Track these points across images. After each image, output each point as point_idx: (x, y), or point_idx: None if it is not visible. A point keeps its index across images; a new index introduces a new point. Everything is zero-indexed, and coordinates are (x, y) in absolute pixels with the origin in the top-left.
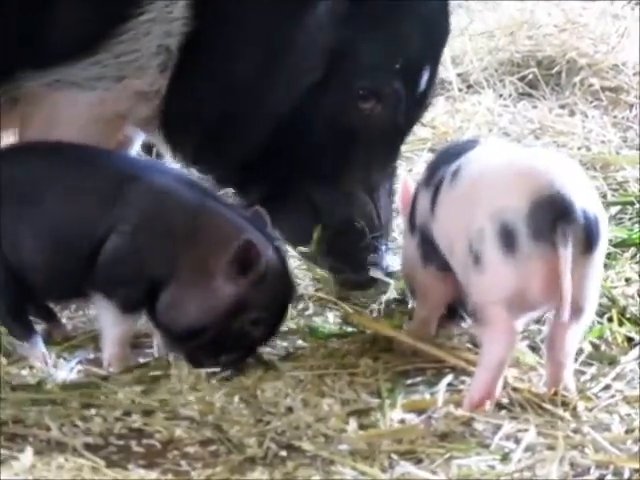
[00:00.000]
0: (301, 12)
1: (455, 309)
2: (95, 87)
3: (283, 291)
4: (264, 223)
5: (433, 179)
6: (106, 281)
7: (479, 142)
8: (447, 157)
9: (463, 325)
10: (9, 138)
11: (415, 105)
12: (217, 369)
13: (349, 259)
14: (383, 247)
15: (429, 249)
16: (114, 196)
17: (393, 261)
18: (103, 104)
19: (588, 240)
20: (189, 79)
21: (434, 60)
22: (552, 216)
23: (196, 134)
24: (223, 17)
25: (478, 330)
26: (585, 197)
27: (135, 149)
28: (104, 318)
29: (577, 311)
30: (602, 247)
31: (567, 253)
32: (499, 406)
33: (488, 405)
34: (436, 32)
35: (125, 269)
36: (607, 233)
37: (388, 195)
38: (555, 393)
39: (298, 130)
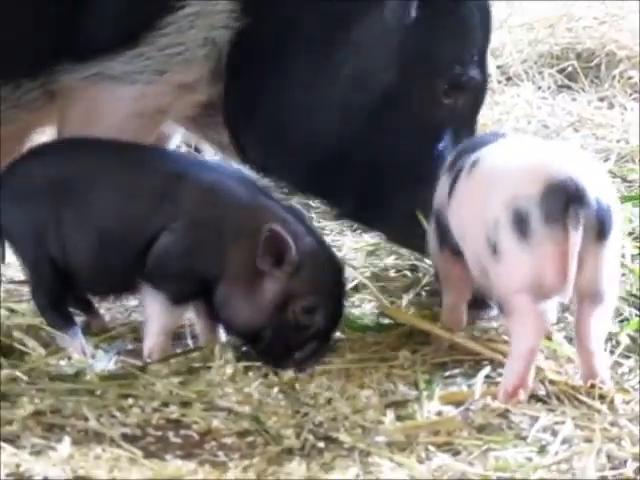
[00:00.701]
0: (365, 13)
1: (482, 298)
2: (136, 81)
3: (329, 274)
4: (303, 214)
5: (454, 167)
6: (157, 275)
7: (504, 135)
8: (470, 147)
9: (493, 314)
10: (45, 134)
11: (483, 89)
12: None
13: None
14: None
15: (444, 234)
16: (165, 194)
17: None
18: (144, 98)
19: (601, 226)
20: (247, 77)
21: (488, 46)
22: (564, 199)
23: (258, 136)
24: (278, 15)
25: (505, 321)
26: (598, 186)
27: (173, 146)
28: (150, 308)
29: (596, 296)
30: (615, 235)
31: (577, 236)
32: (536, 398)
33: (523, 395)
34: (489, 16)
35: (176, 265)
36: (621, 224)
37: None
38: (592, 385)
39: (382, 131)
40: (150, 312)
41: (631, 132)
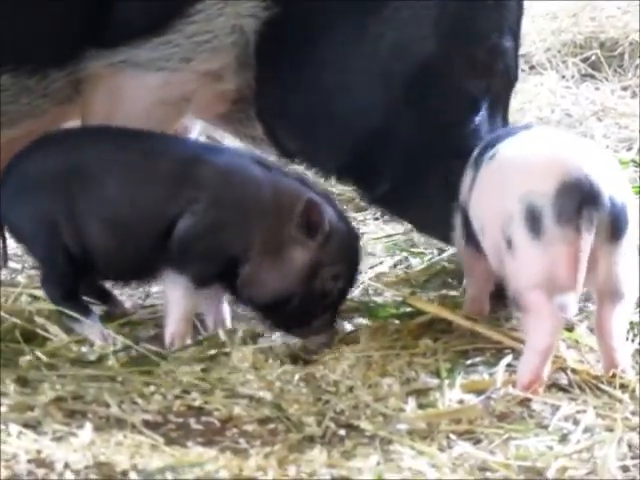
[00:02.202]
0: None
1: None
2: (162, 68)
3: (351, 244)
4: (317, 185)
5: (478, 160)
6: (181, 259)
7: (529, 127)
8: (492, 141)
9: None
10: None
11: (516, 55)
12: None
13: None
14: None
15: (468, 227)
16: (183, 177)
17: None
18: (168, 86)
19: (615, 227)
20: (279, 67)
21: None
22: (578, 200)
23: (295, 125)
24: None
25: (521, 315)
26: (613, 185)
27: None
28: (172, 293)
29: (615, 295)
30: (630, 234)
31: (588, 238)
32: (557, 387)
33: (539, 388)
34: None
35: (200, 247)
36: (637, 221)
37: None
38: (613, 375)
39: (421, 106)
40: (171, 297)
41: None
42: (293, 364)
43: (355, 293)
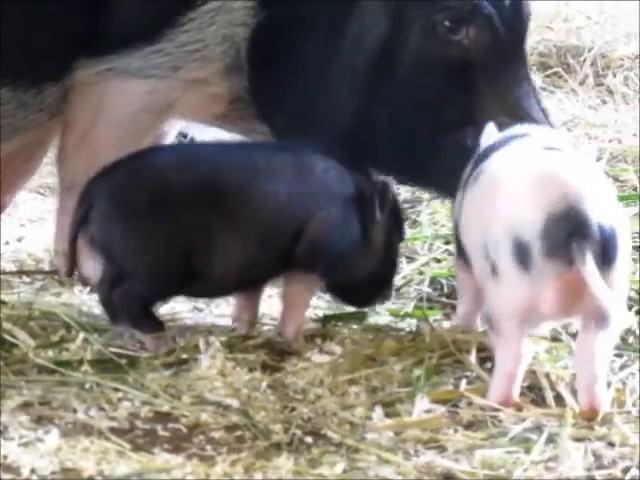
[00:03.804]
0: None
1: None
2: (150, 76)
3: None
4: None
5: (472, 172)
6: (313, 259)
7: (524, 135)
8: (482, 156)
9: None
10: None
11: (513, 15)
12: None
13: None
14: None
15: (460, 243)
16: (305, 184)
17: None
18: (155, 93)
19: (605, 255)
20: (269, 68)
21: None
22: (567, 232)
23: (293, 120)
24: (291, 6)
25: (492, 337)
26: (602, 207)
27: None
28: (296, 293)
29: (602, 321)
30: (621, 258)
31: (589, 268)
32: (524, 395)
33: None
34: None
35: (337, 246)
36: (627, 240)
37: (536, 110)
38: (592, 412)
39: (391, 86)
40: (294, 297)
41: (624, 132)
42: (261, 371)
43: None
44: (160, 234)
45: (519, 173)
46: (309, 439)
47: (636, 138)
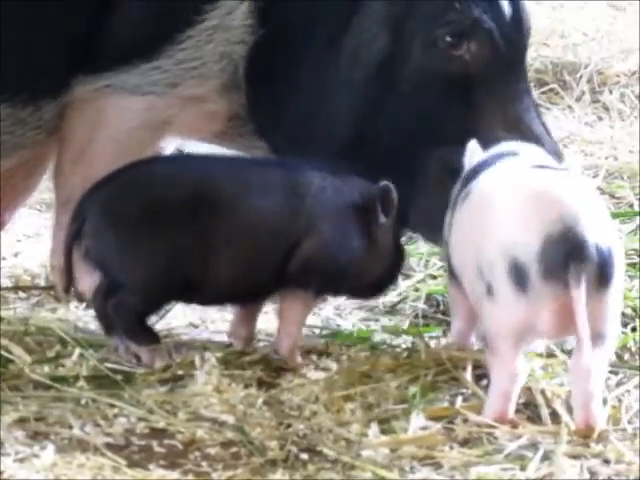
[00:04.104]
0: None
1: None
2: (147, 92)
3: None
4: None
5: (462, 191)
6: (308, 276)
7: (512, 154)
8: (471, 175)
9: None
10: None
11: (513, 30)
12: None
13: None
14: None
15: (450, 263)
16: (298, 198)
17: None
18: (152, 110)
19: (602, 276)
20: (267, 85)
21: None
22: (564, 255)
23: (289, 136)
24: (288, 20)
25: (487, 355)
26: (599, 228)
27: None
28: (291, 309)
29: (598, 338)
30: (618, 278)
31: (580, 293)
32: (520, 412)
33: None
34: None
35: (331, 262)
36: (623, 261)
37: (534, 122)
38: (587, 430)
39: (391, 101)
40: (290, 314)
41: (620, 149)
42: (257, 388)
43: (323, 316)
44: (153, 246)
45: (512, 192)
46: (305, 456)
47: (632, 155)
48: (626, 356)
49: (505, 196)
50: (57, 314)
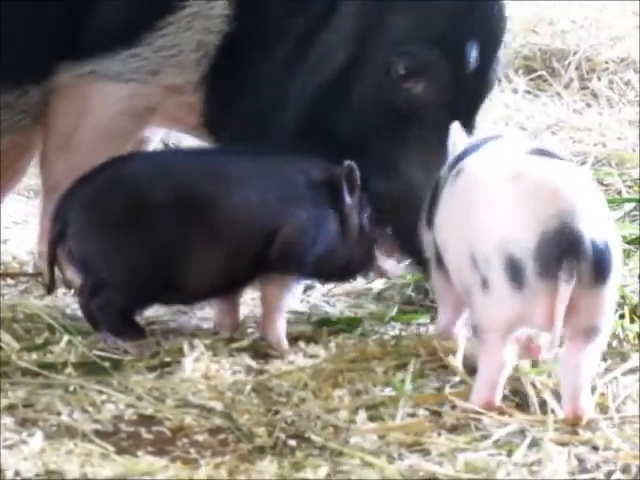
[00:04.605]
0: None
1: None
2: (129, 80)
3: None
4: None
5: (451, 170)
6: (286, 262)
7: (496, 138)
8: (467, 151)
9: None
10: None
11: (470, 83)
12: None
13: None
14: None
15: (438, 250)
16: (270, 190)
17: None
18: (135, 97)
19: (599, 272)
20: (228, 80)
21: (484, 36)
22: (559, 252)
23: (237, 135)
24: (260, 19)
25: (474, 343)
26: (596, 223)
27: (153, 147)
28: (273, 295)
29: (592, 333)
30: (614, 273)
31: (567, 289)
32: (508, 399)
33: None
34: (477, 8)
35: (308, 247)
36: (619, 256)
37: None
38: (575, 419)
39: (338, 115)
40: (272, 300)
41: (608, 136)
42: (246, 374)
43: (311, 303)
44: (135, 246)
45: (509, 184)
46: (293, 442)
47: (620, 142)
48: (614, 343)
49: (501, 188)
50: (45, 301)
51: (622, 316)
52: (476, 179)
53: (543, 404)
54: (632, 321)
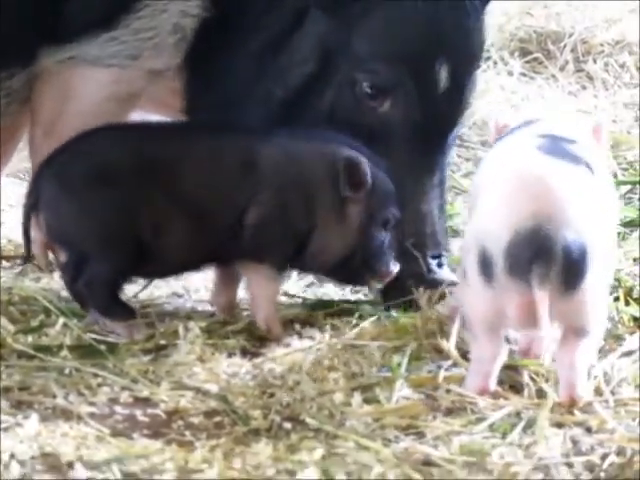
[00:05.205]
0: (300, 8)
1: None
2: (111, 65)
3: (391, 190)
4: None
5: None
6: (258, 247)
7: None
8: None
9: None
10: None
11: (440, 103)
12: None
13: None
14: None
15: None
16: (247, 166)
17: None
18: (118, 83)
19: (569, 279)
20: (206, 65)
21: (456, 54)
22: (529, 255)
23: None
24: (236, 8)
25: (466, 333)
26: (575, 228)
27: None
28: (255, 283)
29: (580, 333)
30: (593, 275)
31: (544, 295)
32: (504, 383)
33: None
34: (447, 27)
35: (276, 233)
36: (599, 258)
37: (428, 201)
38: (571, 401)
39: (302, 124)
40: (256, 285)
41: (603, 118)
42: (241, 357)
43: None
44: (104, 210)
45: (502, 177)
46: (288, 425)
47: (615, 124)
48: (609, 325)
49: (496, 181)
50: (41, 283)
51: (617, 299)
52: (481, 170)
53: (540, 391)
54: (627, 304)
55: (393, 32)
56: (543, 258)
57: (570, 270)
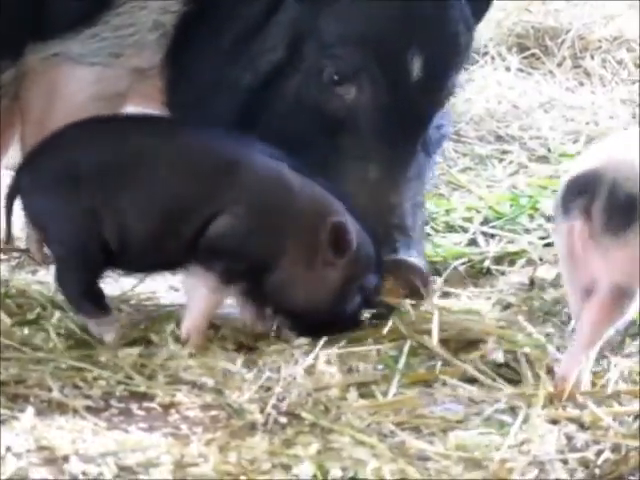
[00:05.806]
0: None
1: None
2: (94, 63)
3: (374, 247)
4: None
5: None
6: (211, 255)
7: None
8: None
9: None
10: None
11: (414, 92)
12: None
13: None
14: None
15: None
16: (223, 177)
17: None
18: (102, 82)
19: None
20: (186, 61)
21: (430, 45)
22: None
23: (190, 113)
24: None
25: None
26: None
27: None
28: (196, 290)
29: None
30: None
31: (582, 227)
32: (502, 378)
33: None
34: (422, 15)
35: (233, 247)
36: None
37: (399, 193)
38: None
39: (272, 111)
40: (195, 293)
41: (600, 114)
42: (237, 351)
43: None
44: (71, 208)
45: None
46: (284, 419)
47: (613, 120)
48: None
49: None
50: (37, 276)
51: None
52: None
53: (537, 377)
54: None
55: (359, 16)
56: (589, 191)
57: (614, 210)
